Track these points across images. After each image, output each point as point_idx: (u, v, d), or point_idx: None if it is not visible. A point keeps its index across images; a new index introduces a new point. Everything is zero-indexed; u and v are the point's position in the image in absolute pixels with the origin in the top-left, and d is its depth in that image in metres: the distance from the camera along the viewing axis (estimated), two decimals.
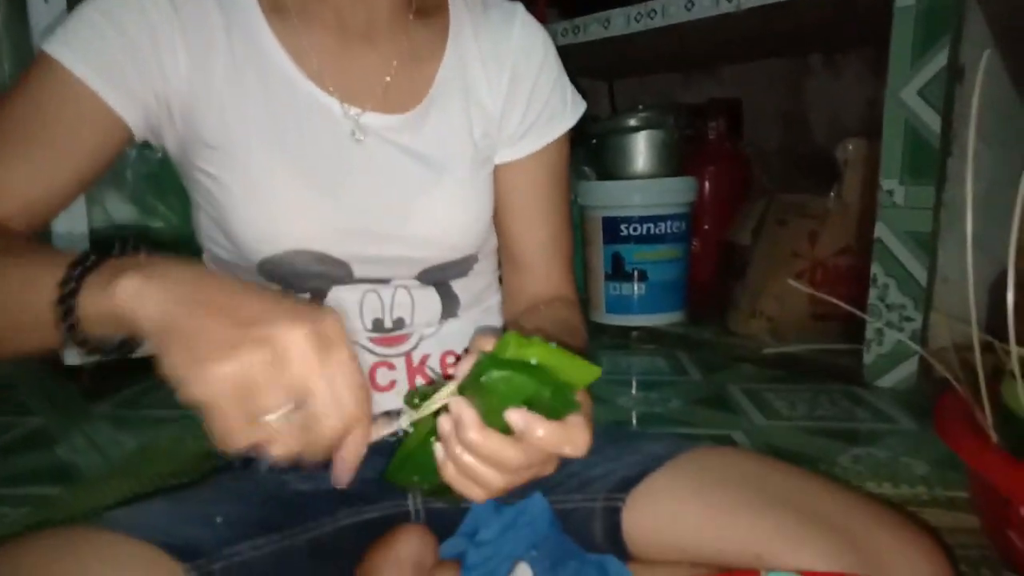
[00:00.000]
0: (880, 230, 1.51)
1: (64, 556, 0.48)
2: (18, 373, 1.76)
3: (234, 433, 0.37)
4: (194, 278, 0.40)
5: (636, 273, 2.05)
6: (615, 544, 0.58)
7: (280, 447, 0.39)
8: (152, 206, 1.77)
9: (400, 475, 0.50)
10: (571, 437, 0.45)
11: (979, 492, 0.62)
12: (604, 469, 0.62)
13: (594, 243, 2.10)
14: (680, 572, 0.55)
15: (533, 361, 0.42)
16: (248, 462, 0.67)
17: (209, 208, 0.65)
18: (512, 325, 0.73)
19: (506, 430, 0.43)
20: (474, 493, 0.46)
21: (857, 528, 0.53)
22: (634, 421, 1.37)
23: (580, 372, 0.43)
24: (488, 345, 0.44)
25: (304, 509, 0.62)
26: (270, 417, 0.37)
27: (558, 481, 0.63)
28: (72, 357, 1.54)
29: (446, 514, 0.65)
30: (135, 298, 0.39)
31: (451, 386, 0.44)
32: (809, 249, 1.85)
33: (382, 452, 0.66)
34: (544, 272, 0.75)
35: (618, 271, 2.07)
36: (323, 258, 0.64)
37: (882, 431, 1.27)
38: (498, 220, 0.74)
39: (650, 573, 0.56)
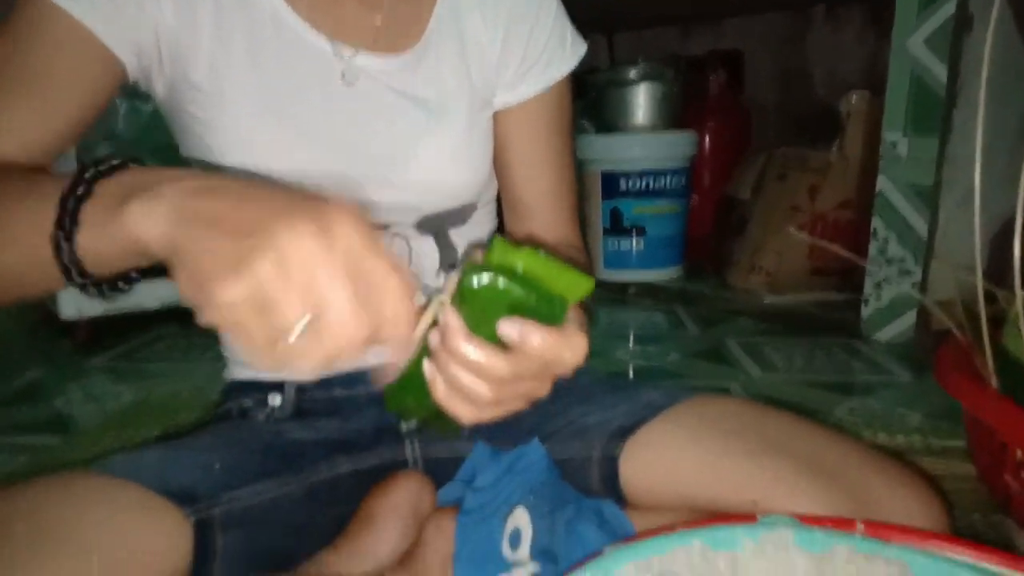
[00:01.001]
0: (882, 183, 1.50)
1: (62, 501, 0.48)
2: (13, 328, 1.76)
3: (260, 354, 0.34)
4: (195, 189, 0.37)
5: (634, 228, 2.04)
6: (612, 491, 0.58)
7: (308, 362, 0.35)
8: (142, 161, 1.75)
9: (395, 400, 0.48)
10: (570, 343, 0.41)
11: (977, 437, 0.62)
12: (601, 417, 0.62)
13: (592, 199, 2.08)
14: (676, 516, 0.55)
15: (519, 268, 0.39)
16: (245, 412, 0.67)
17: (198, 154, 0.63)
18: None
19: (498, 343, 0.40)
20: (464, 412, 0.42)
21: (852, 474, 0.53)
22: (631, 374, 1.38)
23: (572, 284, 0.41)
24: (477, 255, 0.42)
25: (302, 457, 0.62)
26: (291, 336, 0.34)
27: (555, 429, 0.62)
28: (69, 311, 1.53)
29: (443, 462, 0.65)
30: (141, 222, 0.36)
31: (441, 297, 0.42)
32: (809, 203, 1.83)
33: (379, 403, 0.66)
34: (548, 220, 0.72)
35: (616, 226, 2.05)
36: None
37: (878, 383, 1.28)
38: (499, 167, 0.72)
39: (647, 518, 0.56)
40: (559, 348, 0.41)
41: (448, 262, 0.70)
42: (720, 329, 1.65)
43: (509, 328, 0.40)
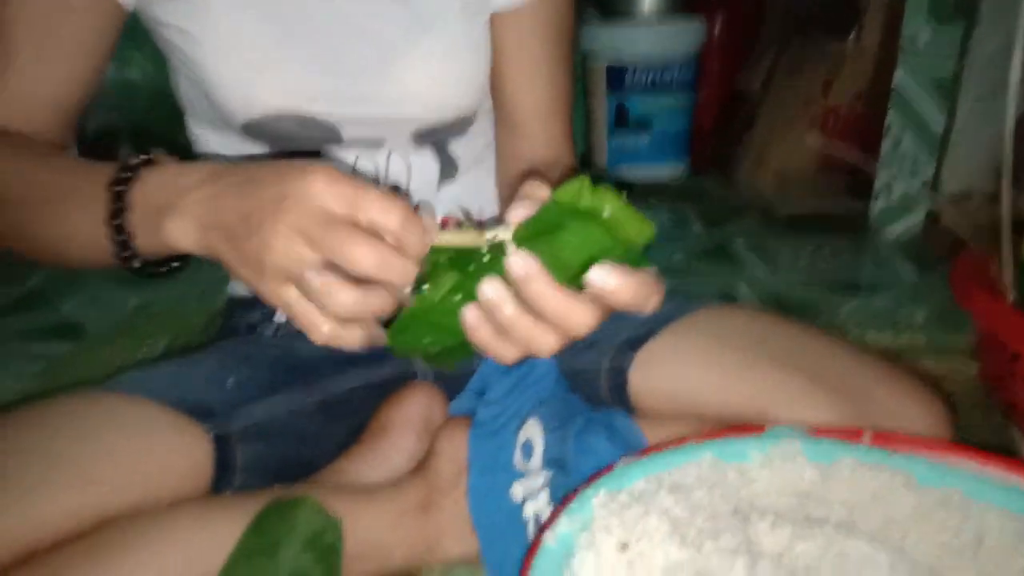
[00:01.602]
0: (899, 76, 1.44)
1: (86, 421, 0.49)
2: None
3: (314, 335, 0.38)
4: (207, 197, 0.40)
5: (640, 123, 1.98)
6: (621, 401, 0.59)
7: (360, 333, 0.39)
8: (128, 56, 1.69)
9: (404, 338, 0.43)
10: (653, 290, 0.39)
11: (986, 345, 0.63)
12: (610, 329, 0.60)
13: (597, 94, 2.01)
14: (685, 425, 0.56)
15: (606, 213, 0.36)
16: (253, 328, 0.67)
17: (185, 69, 0.61)
18: (504, 191, 0.70)
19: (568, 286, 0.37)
20: (507, 356, 0.39)
21: (858, 383, 0.54)
22: None
23: (639, 228, 0.38)
24: (542, 191, 0.38)
25: (313, 371, 0.62)
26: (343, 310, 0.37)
27: None
28: None
29: (453, 374, 0.66)
30: (181, 239, 0.41)
31: (499, 230, 0.38)
32: (822, 97, 1.77)
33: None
34: (541, 135, 0.69)
35: (621, 122, 1.99)
36: (306, 122, 0.60)
37: (884, 282, 1.28)
38: (492, 77, 0.68)
39: (655, 427, 0.57)
40: (645, 297, 0.38)
41: (448, 175, 0.68)
42: (725, 228, 1.63)
43: (603, 276, 0.36)
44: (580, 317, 0.37)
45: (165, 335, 1.13)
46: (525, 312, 0.37)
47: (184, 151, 0.57)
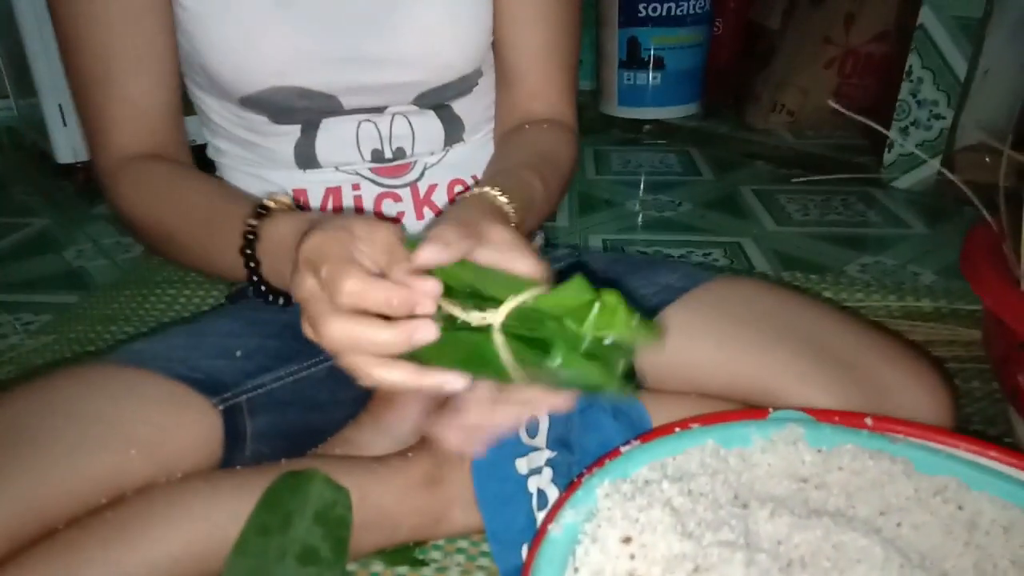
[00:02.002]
0: (924, 15, 1.38)
1: (99, 395, 0.50)
2: (10, 171, 1.73)
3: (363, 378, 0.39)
4: (286, 256, 0.43)
5: (652, 60, 1.92)
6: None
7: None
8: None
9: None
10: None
11: (993, 326, 0.62)
12: None
13: (608, 25, 1.94)
14: (689, 400, 0.57)
15: (608, 340, 0.35)
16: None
17: (184, 42, 0.59)
18: (497, 147, 0.67)
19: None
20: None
21: (864, 364, 0.54)
22: (640, 224, 1.36)
23: (642, 339, 0.37)
24: (453, 245, 0.39)
25: None
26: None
27: None
28: (65, 155, 1.50)
29: None
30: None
31: (489, 313, 0.37)
32: (843, 35, 1.70)
33: None
34: (538, 86, 0.65)
35: (633, 58, 1.93)
36: (305, 93, 0.58)
37: (893, 237, 1.26)
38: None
39: (660, 402, 0.57)
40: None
41: (454, 137, 0.66)
42: (735, 175, 1.61)
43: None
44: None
45: (168, 282, 1.13)
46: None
47: None
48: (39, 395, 0.49)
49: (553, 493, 0.53)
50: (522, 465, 0.55)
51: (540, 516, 0.53)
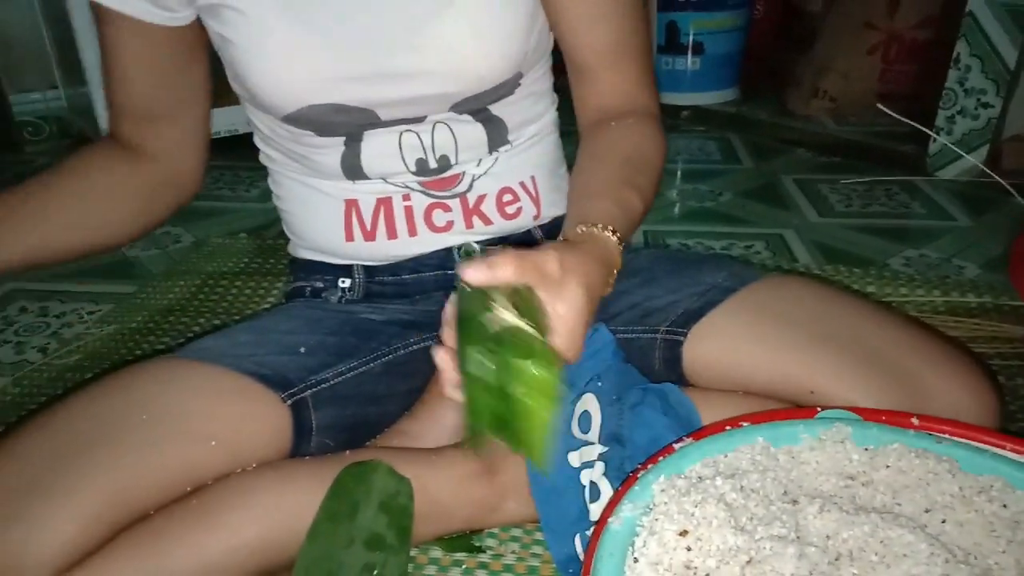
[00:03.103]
0: (973, 1, 1.35)
1: (178, 392, 0.53)
2: (59, 160, 1.78)
3: None
4: None
5: (691, 45, 1.91)
6: (673, 372, 0.61)
7: None
8: None
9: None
10: None
11: None
12: (666, 301, 0.63)
13: (647, 9, 1.92)
14: (736, 399, 0.58)
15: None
16: (317, 292, 0.70)
17: (231, 70, 0.63)
18: (584, 145, 0.66)
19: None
20: None
21: (908, 367, 0.54)
22: (680, 215, 1.37)
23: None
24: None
25: (377, 335, 0.65)
26: None
27: (619, 311, 0.64)
28: None
29: None
30: None
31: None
32: (887, 19, 1.68)
33: (445, 286, 0.68)
34: (610, 81, 0.65)
35: (672, 43, 1.92)
36: (341, 108, 0.60)
37: (937, 229, 1.25)
38: (551, 24, 0.65)
39: (708, 399, 0.59)
40: None
41: (498, 141, 0.67)
42: (776, 162, 1.60)
43: None
44: None
45: (219, 273, 1.17)
46: None
47: None
48: (124, 391, 0.53)
49: (605, 486, 0.55)
50: (575, 459, 0.58)
51: (592, 508, 0.56)
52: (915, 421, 0.50)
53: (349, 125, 0.62)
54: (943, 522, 0.45)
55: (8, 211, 0.58)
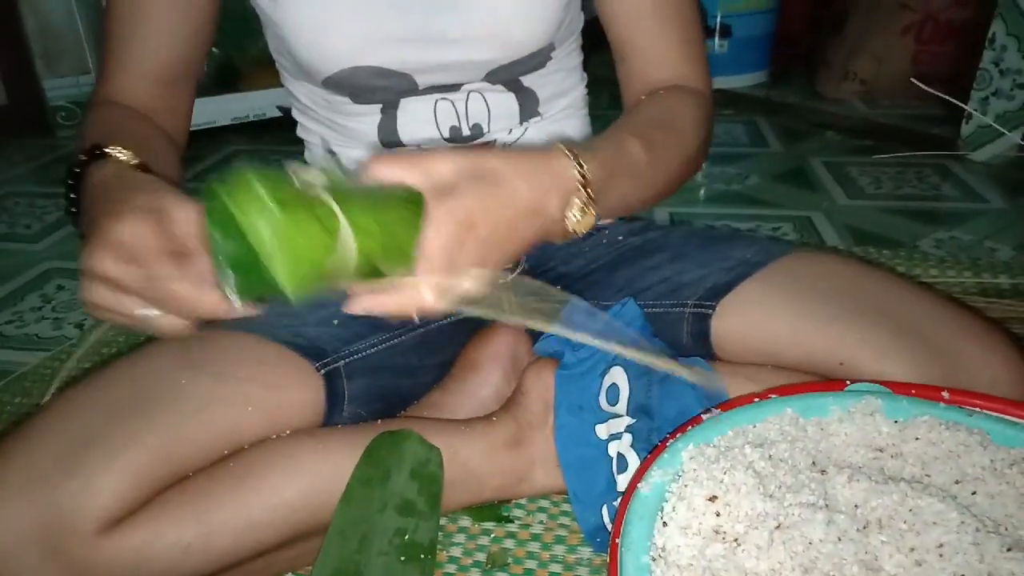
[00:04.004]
0: None
1: (217, 355, 0.55)
2: None
3: None
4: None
5: (719, 28, 1.89)
6: (701, 346, 0.61)
7: None
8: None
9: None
10: None
11: None
12: (695, 275, 0.63)
13: None
14: (764, 372, 0.58)
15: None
16: None
17: (271, 31, 0.64)
18: (626, 111, 0.65)
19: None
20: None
21: (941, 339, 0.54)
22: (708, 197, 1.36)
23: None
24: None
25: None
26: None
27: (648, 285, 0.64)
28: None
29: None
30: None
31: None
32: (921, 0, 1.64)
33: None
34: (653, 56, 0.64)
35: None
36: (381, 72, 0.62)
37: (970, 211, 1.23)
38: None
39: (736, 372, 0.59)
40: None
41: (530, 112, 0.68)
42: (805, 145, 1.58)
43: None
44: None
45: None
46: None
47: None
48: (167, 356, 0.55)
49: (633, 458, 0.56)
50: (602, 431, 0.58)
51: (620, 479, 0.56)
52: (945, 395, 0.50)
53: (387, 91, 0.64)
54: (973, 494, 0.45)
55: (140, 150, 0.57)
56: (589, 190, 0.49)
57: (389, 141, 0.67)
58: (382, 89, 0.63)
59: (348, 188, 0.41)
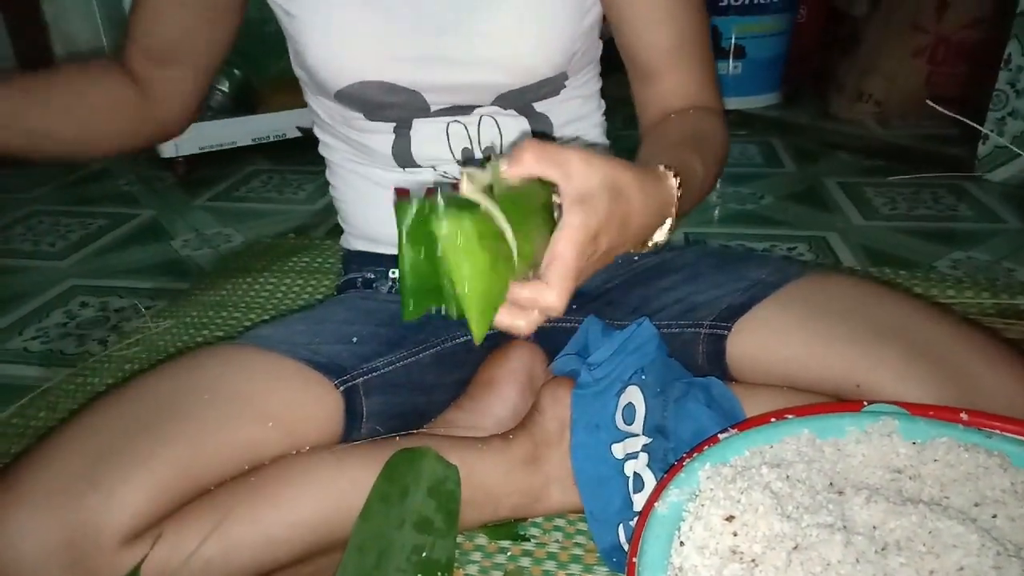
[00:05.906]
0: None
1: (238, 375, 0.55)
2: (113, 163, 1.84)
3: None
4: None
5: (733, 49, 1.90)
6: (717, 367, 0.61)
7: None
8: None
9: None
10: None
11: None
12: (710, 296, 0.63)
13: None
14: (781, 393, 0.59)
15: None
16: (369, 283, 0.72)
17: (289, 44, 0.66)
18: (645, 138, 0.66)
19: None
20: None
21: (959, 360, 0.53)
22: (722, 217, 1.36)
23: None
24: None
25: (425, 326, 0.67)
26: None
27: (663, 305, 0.65)
28: (169, 150, 1.61)
29: (554, 332, 0.69)
30: None
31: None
32: (934, 21, 1.65)
33: None
34: (674, 82, 0.65)
35: (713, 47, 1.91)
36: (393, 88, 0.63)
37: (986, 232, 1.23)
38: (612, 25, 0.66)
39: (751, 394, 0.59)
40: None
41: (543, 137, 0.68)
42: (819, 166, 1.58)
43: None
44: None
45: (268, 270, 1.21)
46: None
47: None
48: (189, 372, 0.56)
49: (649, 477, 0.56)
50: (618, 450, 0.59)
51: (636, 498, 0.56)
52: (964, 417, 0.50)
53: (398, 109, 0.65)
54: (994, 517, 0.45)
55: (16, 89, 0.61)
56: (676, 208, 0.50)
57: (403, 160, 0.68)
58: (393, 106, 0.65)
59: (507, 192, 0.40)
